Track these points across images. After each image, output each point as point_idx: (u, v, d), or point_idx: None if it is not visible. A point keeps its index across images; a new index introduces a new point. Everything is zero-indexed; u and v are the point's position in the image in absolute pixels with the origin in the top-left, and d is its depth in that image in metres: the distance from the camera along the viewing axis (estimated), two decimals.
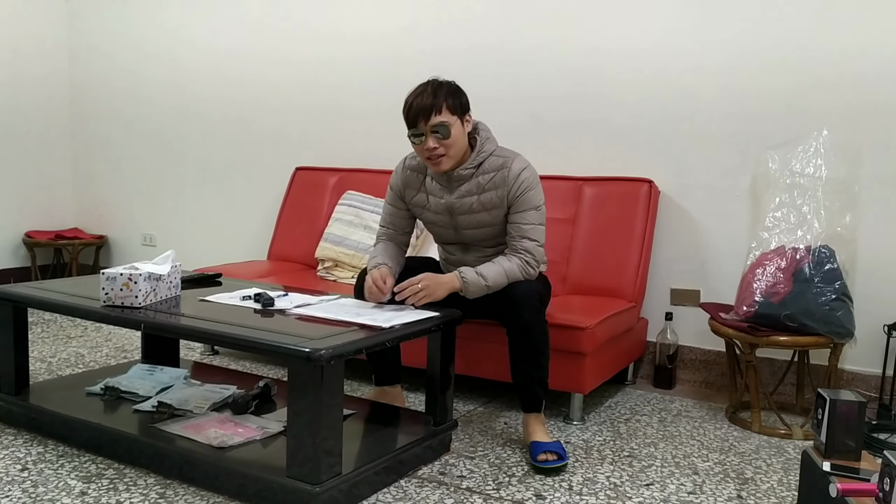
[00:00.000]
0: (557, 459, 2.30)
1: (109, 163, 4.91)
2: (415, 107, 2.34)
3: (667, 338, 3.23)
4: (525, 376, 2.40)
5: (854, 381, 2.98)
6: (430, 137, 2.34)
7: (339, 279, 3.52)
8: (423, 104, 2.33)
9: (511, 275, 2.39)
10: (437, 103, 2.33)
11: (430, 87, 2.37)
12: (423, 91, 2.36)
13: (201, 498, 2.05)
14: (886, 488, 1.43)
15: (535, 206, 2.44)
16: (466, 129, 2.42)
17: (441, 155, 2.37)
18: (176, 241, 4.58)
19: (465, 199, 2.47)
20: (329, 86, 4.07)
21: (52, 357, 3.42)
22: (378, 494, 2.11)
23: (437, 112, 2.33)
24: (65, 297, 2.43)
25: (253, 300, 2.40)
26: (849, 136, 2.90)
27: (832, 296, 2.63)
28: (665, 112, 3.27)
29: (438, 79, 2.41)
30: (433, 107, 2.32)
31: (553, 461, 2.29)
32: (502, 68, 3.57)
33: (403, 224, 2.63)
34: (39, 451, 2.34)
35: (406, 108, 2.37)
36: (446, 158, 2.38)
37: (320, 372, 1.87)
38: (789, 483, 2.29)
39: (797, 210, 2.79)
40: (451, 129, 2.35)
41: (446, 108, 2.34)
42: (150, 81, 4.68)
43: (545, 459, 2.30)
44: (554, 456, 2.30)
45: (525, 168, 2.44)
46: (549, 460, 2.29)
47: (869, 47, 2.90)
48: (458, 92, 2.41)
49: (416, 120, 2.34)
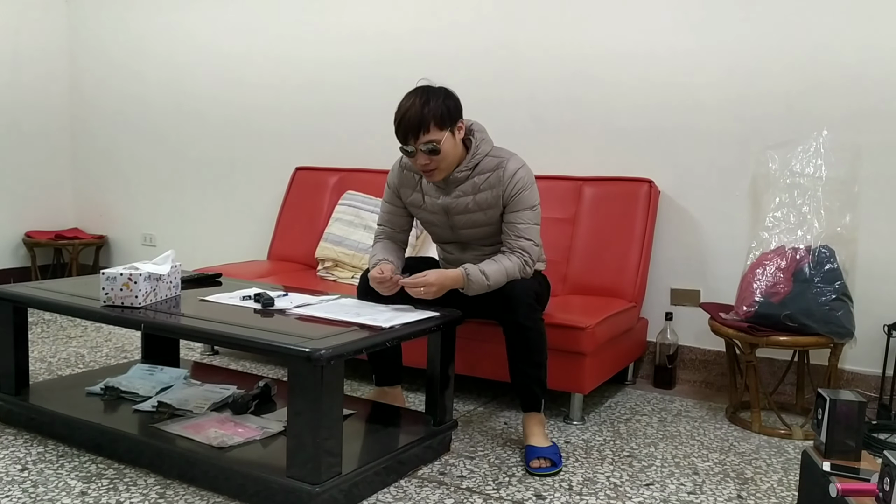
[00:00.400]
0: (551, 466, 2.30)
1: (109, 163, 4.91)
2: (403, 124, 2.31)
3: (667, 338, 3.23)
4: (523, 376, 2.40)
5: (854, 381, 2.98)
6: (420, 155, 2.34)
7: (339, 279, 3.52)
8: (411, 123, 2.29)
9: (511, 274, 2.39)
10: (424, 121, 2.28)
11: (419, 100, 2.30)
12: (411, 105, 2.31)
13: (201, 498, 2.05)
14: (886, 488, 1.43)
15: (531, 205, 2.44)
16: (459, 136, 2.39)
17: (433, 169, 2.37)
18: (176, 241, 4.58)
19: (461, 200, 2.47)
20: (329, 86, 4.07)
21: (52, 357, 3.42)
22: (378, 494, 2.11)
23: (426, 130, 2.29)
24: (65, 297, 2.43)
25: (253, 300, 2.40)
26: (849, 136, 2.90)
27: (832, 296, 2.63)
28: (665, 112, 3.27)
29: (428, 86, 2.36)
30: (420, 125, 2.28)
31: (546, 468, 2.29)
32: (503, 69, 3.56)
33: (401, 222, 2.63)
34: (39, 451, 2.34)
35: (396, 124, 2.34)
36: (438, 171, 2.39)
37: (320, 372, 1.87)
38: (789, 483, 2.29)
39: (797, 210, 2.79)
40: (441, 145, 2.32)
41: (434, 124, 2.30)
42: (150, 81, 4.68)
43: (538, 466, 2.30)
44: (547, 462, 2.30)
45: (520, 168, 2.44)
46: (543, 467, 2.30)
47: (869, 47, 2.90)
48: (446, 101, 2.34)
49: (405, 138, 2.33)
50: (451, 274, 2.39)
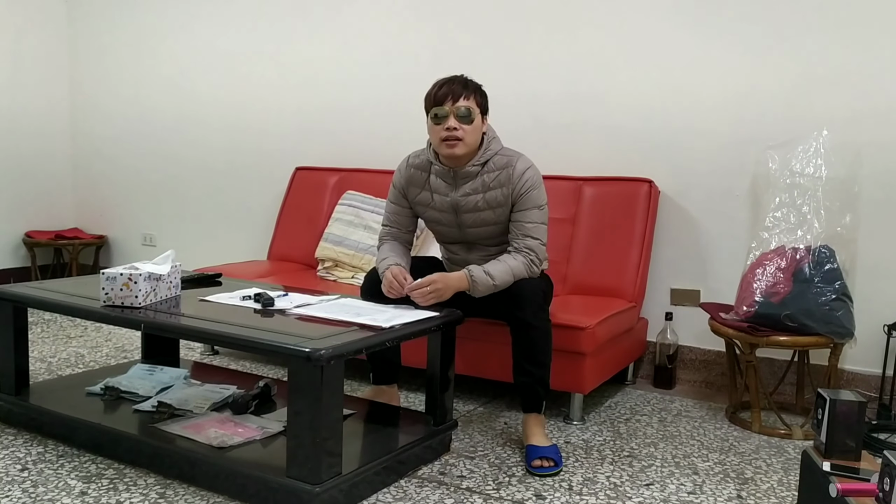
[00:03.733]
0: (552, 466, 2.30)
1: (109, 163, 4.91)
2: (444, 88, 2.41)
3: (667, 338, 3.23)
4: (526, 375, 2.40)
5: (854, 381, 2.98)
6: (451, 119, 2.39)
7: (339, 279, 3.52)
8: (453, 87, 2.41)
9: (517, 273, 2.40)
10: (466, 91, 2.42)
11: (462, 78, 2.46)
12: (454, 79, 2.45)
13: (201, 498, 2.05)
14: (886, 488, 1.43)
15: (538, 205, 2.46)
16: (483, 129, 2.48)
17: (459, 139, 2.40)
18: (176, 241, 4.58)
19: (471, 197, 2.48)
20: (330, 86, 4.07)
21: (52, 357, 3.42)
22: (378, 494, 2.11)
23: (466, 98, 2.40)
24: (65, 297, 2.43)
25: (253, 300, 2.40)
26: (849, 136, 2.90)
27: (832, 296, 2.63)
28: (665, 112, 3.27)
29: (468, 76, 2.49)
30: (462, 92, 2.41)
31: (548, 467, 2.29)
32: (504, 69, 3.56)
33: (407, 222, 2.64)
34: (39, 451, 2.34)
35: (434, 89, 2.43)
36: (462, 144, 2.41)
37: (320, 372, 1.87)
38: (789, 483, 2.29)
39: (797, 210, 2.79)
40: (474, 117, 2.41)
41: (474, 99, 2.43)
42: (150, 81, 4.68)
43: (539, 465, 2.30)
44: (549, 462, 2.30)
45: (529, 167, 2.46)
46: (544, 466, 2.30)
47: (869, 47, 2.90)
48: (485, 94, 2.49)
49: (443, 99, 2.40)
50: (454, 276, 2.40)
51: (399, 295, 2.40)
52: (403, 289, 2.39)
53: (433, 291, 2.35)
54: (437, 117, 2.41)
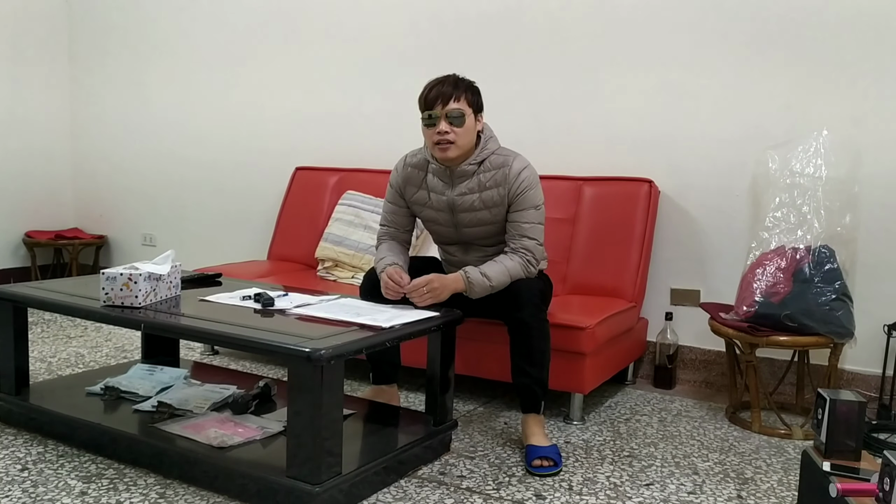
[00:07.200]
0: (552, 465, 2.30)
1: (109, 163, 4.91)
2: (434, 91, 2.40)
3: (667, 338, 3.23)
4: (525, 375, 2.40)
5: (854, 381, 2.98)
6: (443, 122, 2.38)
7: (339, 279, 3.52)
8: (443, 89, 2.40)
9: (514, 273, 2.40)
10: (457, 92, 2.40)
11: (453, 78, 2.44)
12: (445, 80, 2.43)
13: (201, 498, 2.05)
14: (886, 488, 1.43)
15: (535, 205, 2.46)
16: (477, 127, 2.47)
17: (450, 142, 2.39)
18: (176, 241, 4.57)
19: (467, 197, 2.48)
20: (329, 86, 4.07)
21: (52, 357, 3.42)
22: (378, 494, 2.11)
23: (456, 100, 2.39)
24: (65, 297, 2.43)
25: (253, 300, 2.40)
26: (849, 136, 2.90)
27: (832, 296, 2.63)
28: (665, 112, 3.27)
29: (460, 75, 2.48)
30: (452, 94, 2.39)
31: (548, 467, 2.29)
32: (504, 69, 3.56)
33: (404, 222, 2.64)
34: (39, 451, 2.34)
35: (425, 91, 2.43)
36: (454, 147, 2.41)
37: (320, 372, 1.87)
38: (789, 483, 2.29)
39: (797, 210, 2.79)
40: (465, 119, 2.40)
41: (465, 99, 2.41)
42: (149, 80, 4.68)
43: (539, 465, 2.30)
44: (549, 462, 2.30)
45: (525, 167, 2.46)
46: (544, 466, 2.30)
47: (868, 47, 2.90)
48: (477, 91, 2.48)
49: (433, 103, 2.39)
50: (449, 278, 2.40)
51: (397, 295, 2.40)
52: (401, 287, 2.39)
53: (430, 291, 2.36)
54: (429, 119, 2.42)
